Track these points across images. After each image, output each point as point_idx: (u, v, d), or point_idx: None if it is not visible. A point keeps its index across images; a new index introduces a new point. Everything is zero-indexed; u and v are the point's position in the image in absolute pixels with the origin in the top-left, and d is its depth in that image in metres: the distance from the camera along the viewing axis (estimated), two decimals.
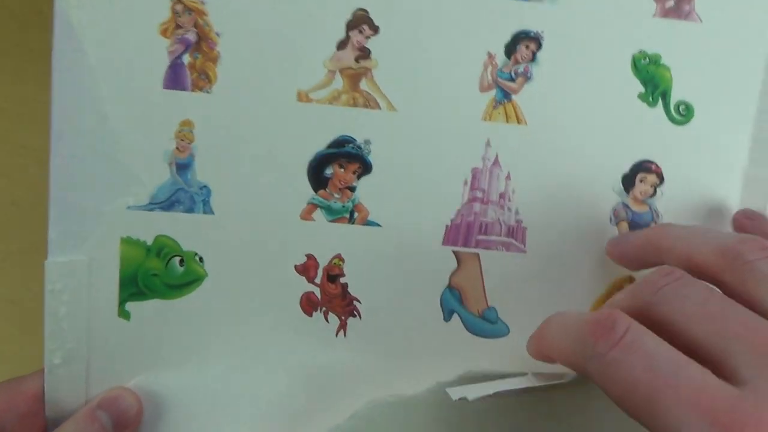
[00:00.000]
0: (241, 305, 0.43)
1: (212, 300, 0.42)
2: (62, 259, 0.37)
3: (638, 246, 0.38)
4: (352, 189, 0.43)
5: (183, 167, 0.40)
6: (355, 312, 0.43)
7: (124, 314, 0.40)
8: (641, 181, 0.41)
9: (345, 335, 0.43)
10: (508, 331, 0.47)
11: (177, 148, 0.40)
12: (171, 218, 0.40)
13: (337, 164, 0.42)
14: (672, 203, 0.41)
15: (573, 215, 0.45)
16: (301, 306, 0.43)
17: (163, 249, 0.41)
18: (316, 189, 0.42)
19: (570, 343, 0.30)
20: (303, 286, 0.43)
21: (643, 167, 0.41)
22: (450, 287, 0.44)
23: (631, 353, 0.25)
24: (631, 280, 0.46)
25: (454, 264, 0.44)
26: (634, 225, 0.42)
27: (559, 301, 0.44)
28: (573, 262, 0.45)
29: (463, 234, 0.47)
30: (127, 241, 0.39)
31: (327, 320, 0.43)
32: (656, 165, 0.41)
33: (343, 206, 0.43)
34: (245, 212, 0.42)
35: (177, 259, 0.41)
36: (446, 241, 0.47)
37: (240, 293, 0.42)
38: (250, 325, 0.43)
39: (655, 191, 0.41)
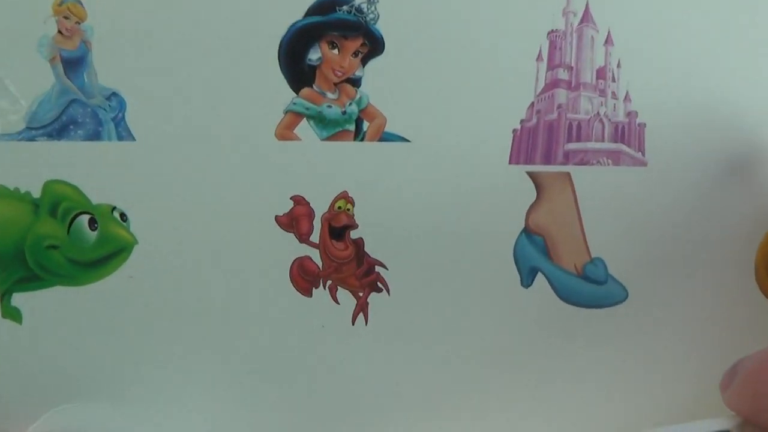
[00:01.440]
0: (193, 289, 0.30)
1: (147, 283, 0.30)
2: None
3: None
4: (356, 82, 0.28)
5: (73, 63, 0.27)
6: (378, 284, 0.28)
7: (10, 313, 0.29)
8: None
9: (366, 322, 0.29)
10: (626, 295, 0.32)
11: (59, 31, 0.26)
12: (66, 151, 0.29)
13: (327, 42, 0.28)
14: None
15: (720, 99, 0.30)
16: (292, 281, 0.29)
17: (61, 203, 0.28)
18: (296, 87, 0.28)
19: None
20: (293, 248, 0.30)
21: None
22: (527, 232, 0.29)
23: None
24: None
25: (531, 194, 0.29)
26: None
27: (700, 244, 0.30)
28: (721, 179, 0.30)
29: (542, 143, 0.32)
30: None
31: (336, 301, 0.29)
32: None
33: (344, 112, 0.28)
34: (186, 133, 0.29)
35: (85, 218, 0.28)
36: (515, 157, 0.32)
37: (190, 269, 0.30)
38: (208, 320, 0.30)
39: None
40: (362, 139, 0.30)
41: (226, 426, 0.30)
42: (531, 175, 0.30)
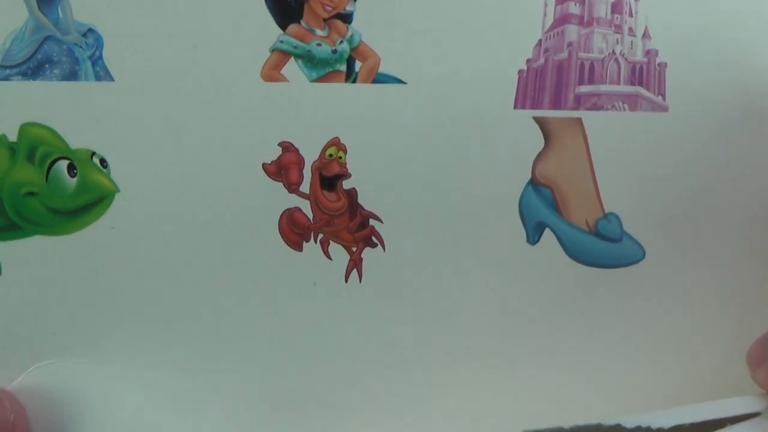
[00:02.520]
0: (178, 239, 0.29)
1: (129, 234, 0.28)
2: None
3: None
4: (347, 18, 0.26)
5: None
6: (373, 238, 0.27)
7: None
8: None
9: (360, 279, 0.27)
10: (644, 255, 0.29)
11: None
12: (42, 92, 0.27)
13: None
14: None
15: (755, 29, 0.27)
16: (281, 233, 0.27)
17: (38, 148, 0.27)
18: (282, 23, 0.26)
19: None
20: (281, 199, 0.28)
21: None
22: (534, 184, 0.27)
23: None
24: None
25: (539, 141, 0.27)
26: None
27: (724, 200, 0.28)
28: (750, 126, 0.27)
29: (551, 85, 0.29)
30: None
31: (328, 256, 0.27)
32: None
33: (334, 51, 0.26)
34: (167, 73, 0.28)
35: (63, 163, 0.27)
36: (521, 100, 0.30)
37: (173, 220, 0.28)
38: (192, 274, 0.29)
39: None
40: (354, 81, 0.28)
41: (211, 384, 0.29)
42: (538, 121, 0.28)
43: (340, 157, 0.28)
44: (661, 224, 0.28)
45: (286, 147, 0.28)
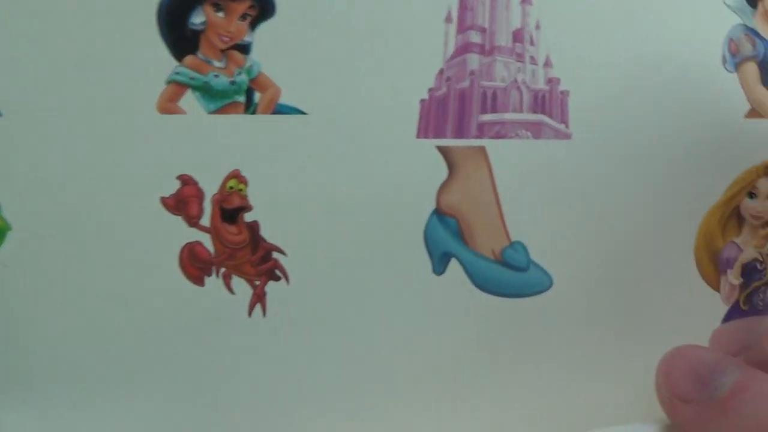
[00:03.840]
0: (73, 278, 0.28)
1: (22, 272, 0.27)
2: None
3: None
4: (245, 48, 0.26)
5: None
6: (276, 272, 0.26)
7: None
8: None
9: (264, 314, 0.27)
10: (551, 283, 0.29)
11: None
12: None
13: (210, 4, 0.26)
14: None
15: (654, 57, 0.27)
16: (182, 268, 0.27)
17: None
18: (178, 55, 0.26)
19: None
20: (182, 233, 0.27)
21: None
22: (439, 214, 0.27)
23: None
24: None
25: (442, 171, 0.26)
26: None
27: (633, 225, 0.28)
28: (656, 152, 0.27)
29: (453, 114, 0.29)
30: None
31: (230, 290, 0.26)
32: None
33: (233, 82, 0.26)
34: (58, 106, 0.27)
35: None
36: (423, 130, 0.30)
37: (70, 256, 0.27)
38: (89, 310, 0.28)
39: None
40: (254, 112, 0.27)
41: (109, 424, 0.28)
42: (441, 150, 0.28)
43: (241, 190, 0.27)
44: (567, 252, 0.27)
45: (185, 180, 0.27)
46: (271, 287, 0.28)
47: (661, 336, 0.28)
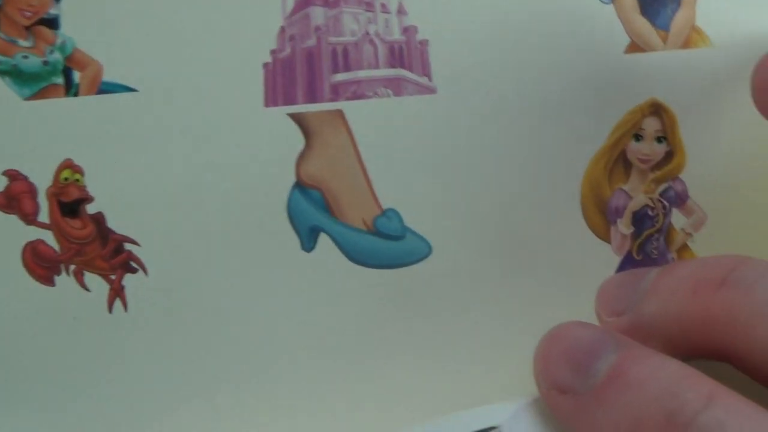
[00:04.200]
0: None
1: None
2: None
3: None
4: (53, 23, 0.22)
5: None
6: (132, 264, 0.24)
7: None
8: None
9: (125, 308, 0.25)
10: (430, 250, 0.27)
11: None
12: None
13: None
14: None
15: (514, 5, 0.24)
16: (27, 269, 0.25)
17: None
18: None
19: None
20: (20, 232, 0.25)
21: None
22: (301, 186, 0.25)
23: None
24: (654, 108, 0.25)
25: (299, 141, 0.24)
26: None
27: (498, 181, 0.25)
28: (534, 91, 0.25)
29: (302, 77, 0.26)
30: None
31: (85, 287, 0.24)
32: None
33: (45, 63, 0.23)
34: None
35: None
36: (271, 97, 0.26)
37: None
38: None
39: None
40: (76, 94, 0.24)
41: None
42: (295, 117, 0.25)
43: (77, 180, 0.25)
44: (444, 215, 0.25)
45: (13, 175, 0.25)
46: (129, 280, 0.26)
47: (553, 296, 0.26)
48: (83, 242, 0.25)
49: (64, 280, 0.25)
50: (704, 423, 0.17)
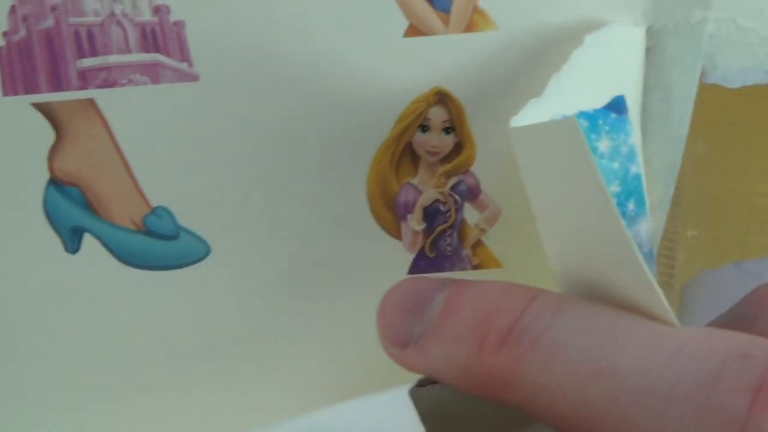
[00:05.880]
0: None
1: None
2: None
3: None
4: None
5: None
6: None
7: None
8: None
9: None
10: (208, 250, 0.24)
11: None
12: None
13: None
14: None
15: None
16: None
17: None
18: None
19: None
20: None
21: None
22: (56, 183, 0.22)
23: None
24: (440, 97, 0.23)
25: (48, 134, 0.22)
26: None
27: (300, 169, 0.24)
28: (309, 78, 0.23)
29: (43, 62, 0.22)
30: None
31: None
32: None
33: None
34: None
35: None
36: (10, 85, 0.21)
37: None
38: None
39: None
40: None
41: None
42: (40, 107, 0.22)
43: None
44: (221, 212, 0.23)
45: None
46: None
47: (344, 297, 0.24)
48: None
49: None
50: (529, 322, 0.17)
